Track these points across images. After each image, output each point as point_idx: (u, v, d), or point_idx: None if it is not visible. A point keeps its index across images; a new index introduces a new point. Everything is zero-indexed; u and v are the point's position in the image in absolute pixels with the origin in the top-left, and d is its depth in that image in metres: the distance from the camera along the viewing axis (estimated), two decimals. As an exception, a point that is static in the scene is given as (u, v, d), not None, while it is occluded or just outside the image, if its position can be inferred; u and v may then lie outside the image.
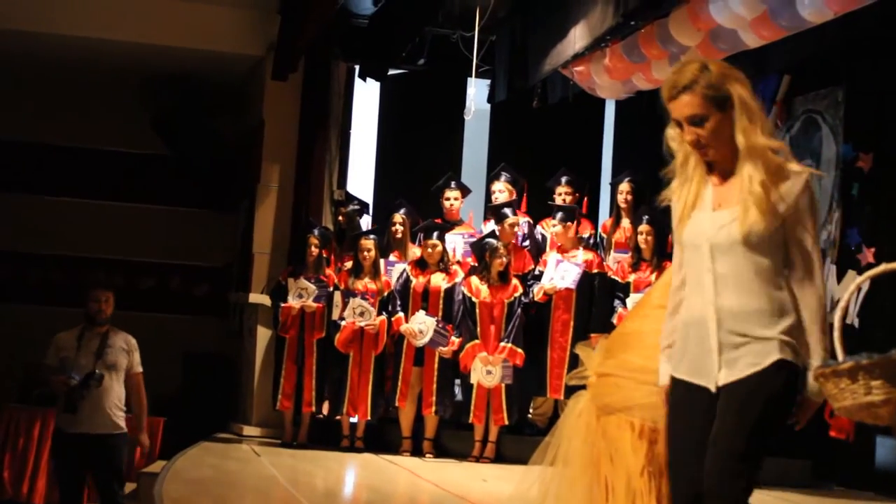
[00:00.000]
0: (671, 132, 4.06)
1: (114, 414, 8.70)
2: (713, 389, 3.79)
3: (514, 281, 10.35)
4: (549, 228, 10.68)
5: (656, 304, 4.73)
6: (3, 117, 14.62)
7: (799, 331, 3.82)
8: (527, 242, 10.92)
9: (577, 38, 9.83)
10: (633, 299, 9.89)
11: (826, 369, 3.63)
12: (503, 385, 10.17)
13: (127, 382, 8.89)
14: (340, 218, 11.39)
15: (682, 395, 3.96)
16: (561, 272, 10.13)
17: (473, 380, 10.18)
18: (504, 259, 10.26)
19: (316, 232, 10.93)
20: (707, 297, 3.81)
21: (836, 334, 4.24)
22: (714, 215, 3.88)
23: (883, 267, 4.90)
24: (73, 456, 8.69)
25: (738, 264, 3.80)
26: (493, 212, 10.96)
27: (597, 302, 10.24)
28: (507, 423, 10.30)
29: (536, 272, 10.45)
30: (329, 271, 10.74)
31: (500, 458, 10.25)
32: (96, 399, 8.59)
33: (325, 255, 10.84)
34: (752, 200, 3.73)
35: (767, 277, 3.80)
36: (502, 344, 10.21)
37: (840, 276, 10.00)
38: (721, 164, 3.93)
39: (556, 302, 10.26)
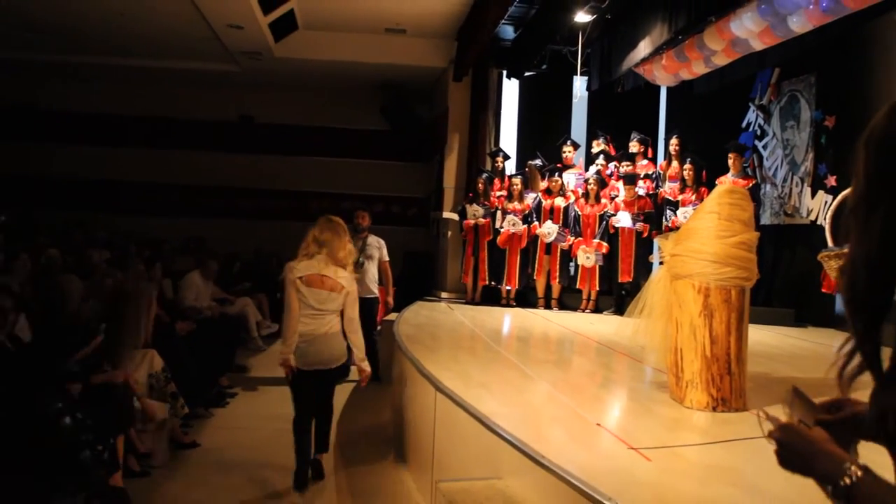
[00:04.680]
0: None
1: (371, 285, 8.79)
2: None
3: (604, 201, 10.28)
4: (618, 183, 10.44)
5: (707, 210, 4.73)
6: (291, 109, 15.04)
7: None
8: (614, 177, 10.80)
9: (644, 48, 9.63)
10: (681, 211, 9.75)
11: (831, 252, 3.62)
12: (597, 265, 10.16)
13: (379, 267, 9.04)
14: (498, 165, 11.35)
15: None
16: (618, 216, 10.05)
17: (579, 262, 10.19)
18: (594, 187, 10.22)
19: (484, 176, 10.98)
20: None
21: (828, 230, 4.26)
22: None
23: (848, 190, 4.84)
24: None
25: None
26: (594, 158, 10.92)
27: (656, 213, 10.12)
28: (598, 288, 10.23)
29: (613, 195, 10.35)
30: (492, 198, 10.79)
31: (597, 309, 10.26)
32: (360, 277, 8.73)
33: (489, 189, 10.88)
34: None
35: None
36: (596, 240, 10.17)
37: (813, 195, 9.73)
38: None
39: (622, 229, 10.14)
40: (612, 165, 10.81)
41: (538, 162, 10.96)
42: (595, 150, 11.02)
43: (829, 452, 1.34)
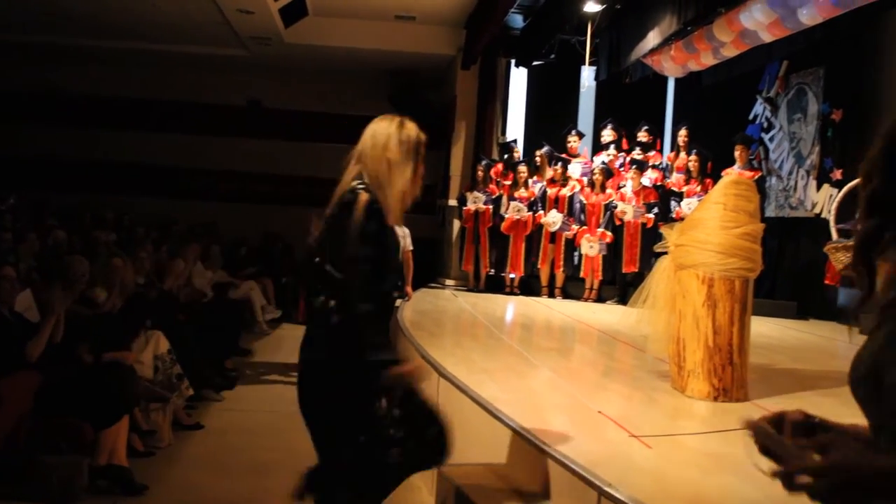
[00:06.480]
0: None
1: None
2: None
3: (609, 191, 10.24)
4: (628, 173, 10.34)
5: (713, 201, 4.70)
6: (300, 95, 14.99)
7: None
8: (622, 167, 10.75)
9: (653, 38, 9.60)
10: (686, 202, 9.73)
11: (838, 244, 3.56)
12: (600, 255, 10.12)
13: (403, 256, 8.89)
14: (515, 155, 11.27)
15: None
16: (622, 208, 9.98)
17: (582, 251, 10.16)
18: (599, 177, 10.16)
19: (483, 163, 10.93)
20: None
21: (832, 223, 4.21)
22: None
23: (854, 182, 4.81)
24: None
25: None
26: (605, 147, 10.88)
27: (661, 204, 10.07)
28: (601, 278, 10.18)
29: (623, 184, 10.30)
30: (492, 185, 10.74)
31: (600, 299, 10.22)
32: None
33: (490, 176, 10.84)
34: None
35: None
36: (599, 230, 10.13)
37: (818, 188, 9.71)
38: None
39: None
40: (621, 156, 10.77)
41: (546, 150, 10.93)
42: (605, 139, 10.97)
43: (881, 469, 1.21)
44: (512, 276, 10.53)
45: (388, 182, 2.95)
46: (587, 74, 11.67)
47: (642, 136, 10.72)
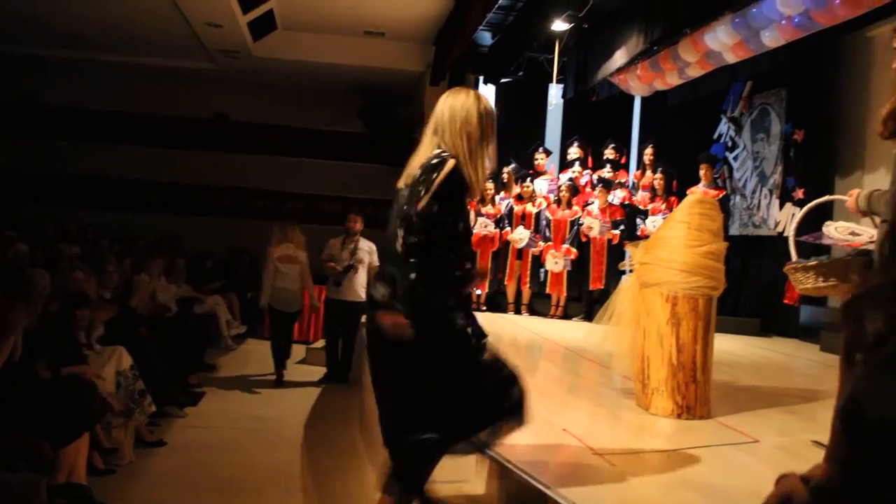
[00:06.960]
0: None
1: (360, 290, 8.71)
2: None
3: (575, 208, 10.27)
4: (596, 191, 10.37)
5: (677, 220, 4.72)
6: (268, 109, 14.91)
7: None
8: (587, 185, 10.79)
9: (619, 57, 9.69)
10: (650, 220, 9.79)
11: (797, 265, 3.60)
12: (565, 271, 10.14)
13: (369, 272, 8.78)
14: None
15: None
16: (588, 224, 10.03)
17: (547, 267, 10.16)
18: (566, 194, 10.21)
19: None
20: None
21: (791, 243, 4.25)
22: None
23: (814, 202, 4.87)
24: (334, 313, 8.90)
25: None
26: (571, 164, 10.92)
27: (627, 221, 10.12)
28: (566, 294, 10.16)
29: (590, 201, 10.34)
30: (459, 201, 10.70)
31: (566, 315, 10.22)
32: (350, 281, 8.75)
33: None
34: None
35: None
36: (564, 246, 10.15)
37: (781, 207, 9.84)
38: None
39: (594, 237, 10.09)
40: (586, 173, 10.83)
41: (513, 167, 10.95)
42: (571, 156, 11.02)
43: None
44: (478, 292, 10.50)
45: (468, 156, 2.96)
46: (555, 92, 11.74)
47: (609, 153, 10.78)
